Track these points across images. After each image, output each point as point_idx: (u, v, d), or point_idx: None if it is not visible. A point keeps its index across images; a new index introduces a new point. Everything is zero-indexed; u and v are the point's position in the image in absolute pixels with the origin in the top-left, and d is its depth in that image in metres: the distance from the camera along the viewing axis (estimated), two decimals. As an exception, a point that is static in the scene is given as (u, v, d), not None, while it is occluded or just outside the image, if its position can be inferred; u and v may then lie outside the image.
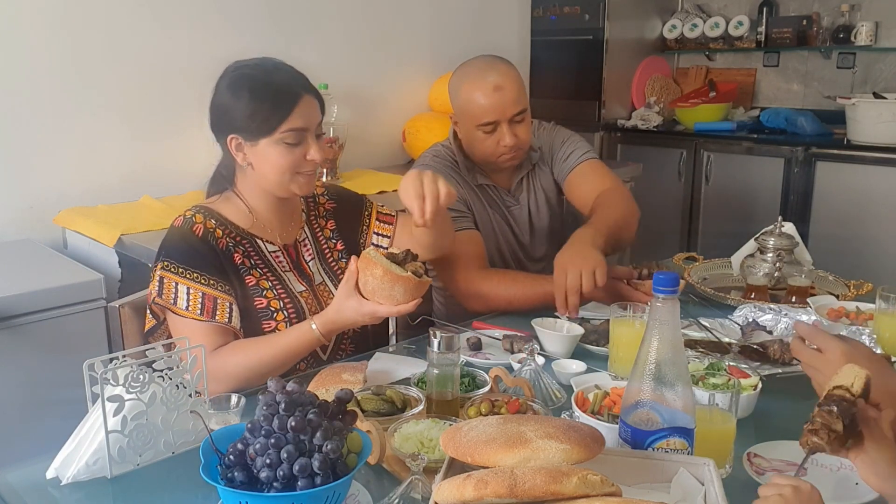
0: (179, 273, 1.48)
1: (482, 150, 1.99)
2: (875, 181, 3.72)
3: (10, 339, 1.93)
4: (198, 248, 1.51)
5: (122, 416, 1.14)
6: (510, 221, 2.10)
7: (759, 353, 1.49)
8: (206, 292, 1.48)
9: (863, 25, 4.12)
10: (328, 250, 1.71)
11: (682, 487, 0.98)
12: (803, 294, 1.82)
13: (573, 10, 4.58)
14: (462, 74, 2.00)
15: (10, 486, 1.14)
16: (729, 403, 1.13)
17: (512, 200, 2.11)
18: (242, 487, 0.93)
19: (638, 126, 4.56)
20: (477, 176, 2.05)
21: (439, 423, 1.18)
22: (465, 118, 1.98)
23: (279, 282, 1.58)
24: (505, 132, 1.93)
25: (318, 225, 1.72)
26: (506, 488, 0.85)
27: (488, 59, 2.00)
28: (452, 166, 2.05)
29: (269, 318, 1.55)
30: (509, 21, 3.80)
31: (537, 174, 2.13)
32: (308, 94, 1.52)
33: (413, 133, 3.37)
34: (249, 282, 1.54)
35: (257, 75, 1.51)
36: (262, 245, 1.59)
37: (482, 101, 1.92)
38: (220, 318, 1.48)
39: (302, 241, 1.67)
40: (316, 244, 1.69)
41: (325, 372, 1.42)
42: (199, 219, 1.54)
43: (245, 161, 1.54)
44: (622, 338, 1.45)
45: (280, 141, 1.49)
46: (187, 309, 1.47)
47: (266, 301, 1.55)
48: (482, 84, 1.92)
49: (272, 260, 1.60)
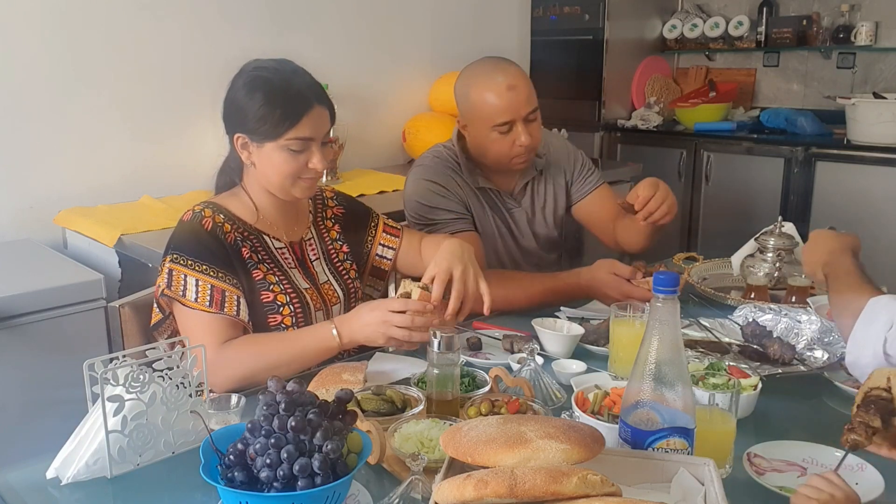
0: (188, 266, 1.49)
1: (497, 152, 1.96)
2: (875, 181, 3.72)
3: (10, 339, 1.93)
4: (206, 241, 1.52)
5: (122, 416, 1.14)
6: (510, 225, 2.10)
7: (759, 353, 1.49)
8: (215, 285, 1.49)
9: (863, 25, 4.12)
10: (333, 252, 1.72)
11: (682, 487, 0.98)
12: (803, 294, 1.82)
13: (573, 10, 4.58)
14: (470, 76, 1.98)
15: (10, 486, 1.14)
16: (729, 403, 1.13)
17: (513, 203, 2.10)
18: (242, 487, 0.93)
19: (638, 126, 4.56)
20: (478, 178, 2.05)
21: (439, 423, 1.18)
22: (478, 120, 1.95)
23: (285, 277, 1.59)
24: (520, 131, 1.91)
25: (325, 227, 1.73)
26: (506, 488, 0.85)
27: (494, 59, 1.99)
28: (453, 168, 2.04)
29: (275, 312, 1.56)
30: (509, 21, 3.80)
31: (543, 181, 2.14)
32: (320, 105, 1.53)
33: (413, 133, 3.37)
34: (256, 276, 1.56)
35: (274, 79, 1.51)
36: (268, 241, 1.61)
37: (497, 101, 1.90)
38: (228, 310, 1.48)
39: (308, 240, 1.68)
40: (321, 244, 1.71)
41: (325, 372, 1.42)
42: (208, 213, 1.56)
43: (249, 160, 1.56)
44: (622, 338, 1.45)
45: (285, 147, 1.50)
46: (196, 301, 1.48)
47: (273, 295, 1.56)
48: (494, 84, 1.91)
49: (278, 256, 1.61)
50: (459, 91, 2.00)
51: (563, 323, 1.66)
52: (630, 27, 4.69)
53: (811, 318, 1.58)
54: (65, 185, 2.58)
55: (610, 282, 1.79)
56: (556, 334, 1.58)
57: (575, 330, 1.61)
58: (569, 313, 1.79)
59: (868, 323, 1.24)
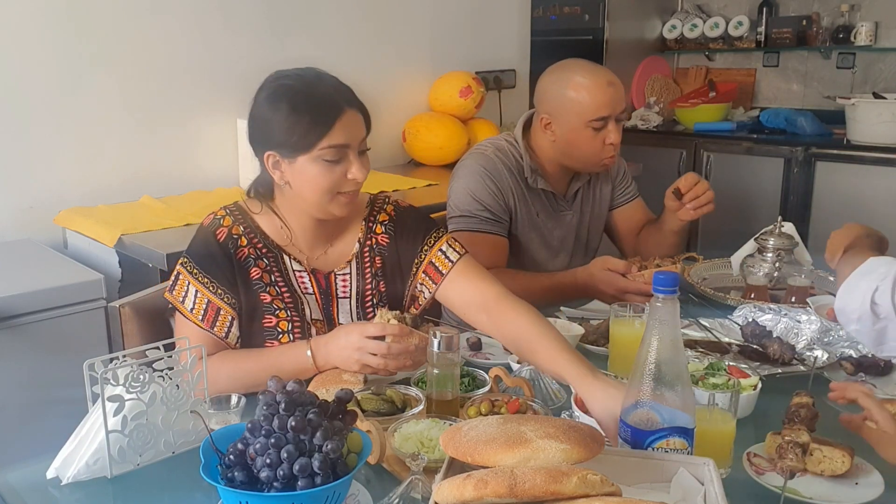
0: (193, 274, 1.46)
1: (587, 150, 1.95)
2: (875, 181, 3.71)
3: (10, 339, 1.93)
4: (214, 254, 1.46)
5: (122, 416, 1.14)
6: (557, 228, 2.09)
7: (758, 353, 1.49)
8: (212, 301, 1.45)
9: (862, 25, 4.12)
10: (369, 292, 1.56)
11: (682, 487, 0.98)
12: (803, 294, 1.82)
13: (573, 10, 4.58)
14: (566, 71, 1.97)
15: (10, 486, 1.14)
16: (729, 403, 1.13)
17: (565, 206, 2.09)
18: (242, 487, 0.93)
19: (638, 126, 4.55)
20: (538, 179, 2.02)
21: (439, 423, 1.18)
22: (572, 116, 1.92)
23: (294, 303, 1.50)
24: (612, 129, 1.92)
25: (370, 258, 1.56)
26: (506, 488, 0.86)
27: (587, 61, 2.00)
28: (511, 166, 2.01)
29: (273, 339, 1.48)
30: (509, 21, 3.80)
31: (592, 187, 2.15)
32: (351, 109, 1.41)
33: (413, 133, 3.37)
34: (264, 299, 1.48)
35: (297, 87, 1.41)
36: (287, 261, 1.51)
37: (598, 96, 1.90)
38: (217, 330, 1.45)
39: (341, 274, 1.54)
40: (360, 281, 1.55)
41: (325, 372, 1.42)
42: (228, 222, 1.49)
43: (282, 180, 1.44)
44: (622, 338, 1.45)
45: (319, 158, 1.39)
46: (191, 311, 1.45)
47: (275, 321, 1.48)
48: (596, 79, 1.91)
49: (294, 279, 1.51)
50: (552, 86, 1.98)
51: (563, 323, 1.66)
52: (630, 27, 4.68)
53: (811, 318, 1.59)
54: (65, 185, 2.58)
55: (604, 277, 1.80)
56: (556, 334, 1.58)
57: (575, 330, 1.61)
58: (569, 313, 1.79)
59: (863, 273, 1.25)
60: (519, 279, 1.88)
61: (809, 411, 1.02)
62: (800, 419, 1.00)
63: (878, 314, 1.21)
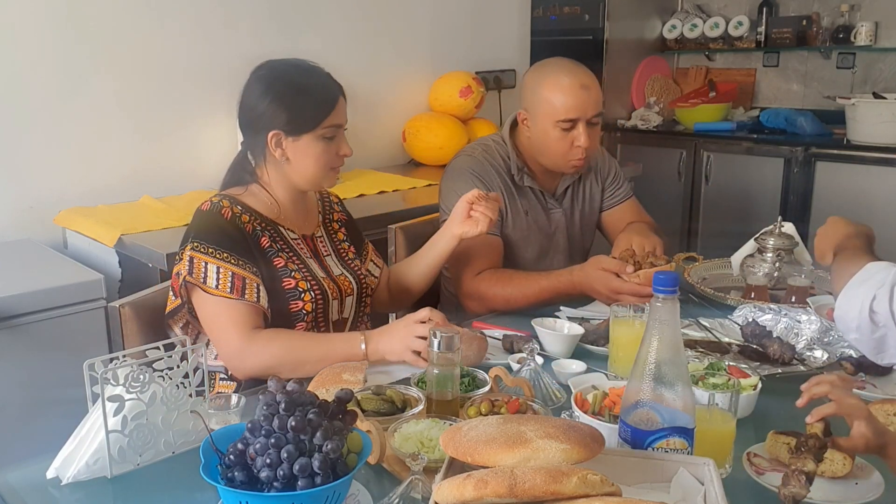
0: (209, 254, 1.51)
1: (554, 150, 1.96)
2: (875, 181, 3.72)
3: (10, 339, 1.93)
4: (227, 230, 1.55)
5: (122, 416, 1.14)
6: (546, 226, 2.09)
7: (758, 353, 1.49)
8: (236, 272, 1.51)
9: (862, 25, 4.11)
10: (343, 251, 1.77)
11: (682, 487, 0.98)
12: (803, 294, 1.82)
13: (573, 10, 4.58)
14: (545, 69, 1.99)
15: (10, 486, 1.14)
16: (729, 403, 1.13)
17: (554, 204, 2.10)
18: (242, 487, 0.93)
19: (638, 126, 4.55)
20: (524, 177, 2.03)
21: (439, 423, 1.18)
22: (543, 115, 1.94)
23: (304, 265, 1.63)
24: (581, 132, 1.91)
25: (332, 228, 1.78)
26: (506, 488, 0.86)
27: (570, 60, 2.00)
28: (499, 165, 2.03)
29: (296, 298, 1.59)
30: (509, 21, 3.80)
31: (582, 186, 2.15)
32: (341, 96, 1.62)
33: (413, 133, 3.37)
34: (278, 263, 1.59)
35: (297, 73, 1.59)
36: (285, 232, 1.65)
37: (566, 97, 1.90)
38: (249, 296, 1.51)
39: (319, 237, 1.73)
40: (331, 243, 1.75)
41: (325, 372, 1.42)
42: (226, 204, 1.59)
43: (283, 156, 1.59)
44: (622, 338, 1.45)
45: (321, 136, 1.57)
46: (217, 287, 1.50)
47: (294, 282, 1.59)
48: (569, 80, 1.92)
49: (295, 246, 1.65)
50: (530, 82, 2.00)
51: (562, 323, 1.66)
52: (630, 27, 4.68)
53: (811, 318, 1.59)
54: (65, 185, 2.58)
55: (599, 277, 1.79)
56: (556, 334, 1.59)
57: (575, 330, 1.61)
58: (569, 313, 1.79)
59: (861, 281, 1.24)
60: (515, 279, 1.88)
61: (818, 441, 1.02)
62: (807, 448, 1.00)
63: (876, 322, 1.20)
